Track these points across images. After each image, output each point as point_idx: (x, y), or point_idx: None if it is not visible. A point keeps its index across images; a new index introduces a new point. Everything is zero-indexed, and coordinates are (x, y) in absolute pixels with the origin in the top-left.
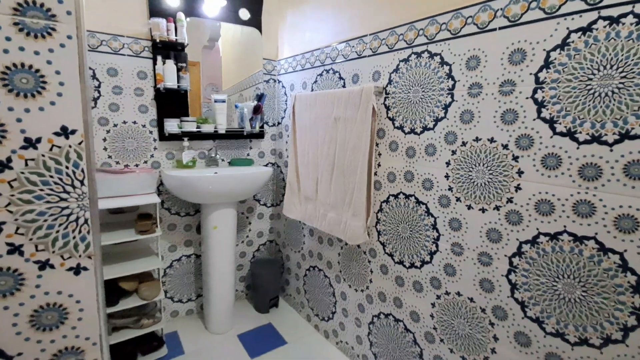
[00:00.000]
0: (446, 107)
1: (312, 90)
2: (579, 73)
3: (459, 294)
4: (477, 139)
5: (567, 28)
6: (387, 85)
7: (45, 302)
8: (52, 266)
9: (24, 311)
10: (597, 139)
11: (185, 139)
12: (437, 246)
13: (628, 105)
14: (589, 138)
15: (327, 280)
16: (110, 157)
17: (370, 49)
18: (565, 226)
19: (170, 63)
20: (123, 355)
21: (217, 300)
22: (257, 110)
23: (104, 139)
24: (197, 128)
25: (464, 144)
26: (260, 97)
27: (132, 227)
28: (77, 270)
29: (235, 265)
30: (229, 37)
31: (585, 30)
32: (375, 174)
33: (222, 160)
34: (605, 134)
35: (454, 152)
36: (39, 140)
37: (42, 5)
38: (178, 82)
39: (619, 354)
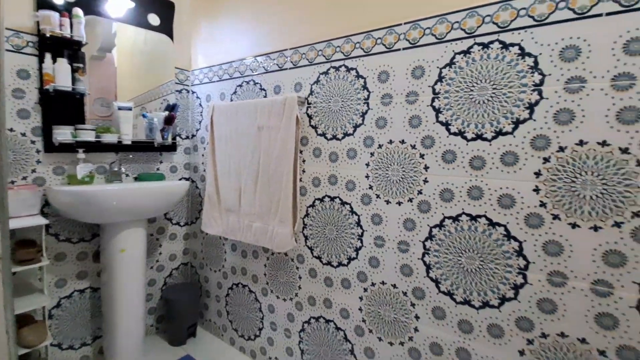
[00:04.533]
0: (363, 115)
1: (232, 101)
2: (463, 85)
3: (383, 283)
4: (390, 142)
5: (453, 51)
6: (308, 96)
7: None
8: None
9: None
10: (480, 137)
11: (81, 150)
12: (361, 242)
13: (499, 110)
14: (474, 136)
15: (252, 295)
16: None
17: (292, 62)
18: (463, 209)
19: (63, 62)
20: None
21: (123, 340)
22: (169, 120)
23: None
24: (96, 138)
25: (380, 146)
26: (172, 107)
27: None
28: None
29: (145, 295)
30: (128, 46)
31: (465, 52)
32: (301, 180)
33: (127, 175)
34: (485, 132)
35: (372, 155)
36: None
37: None
38: (73, 84)
39: (513, 310)
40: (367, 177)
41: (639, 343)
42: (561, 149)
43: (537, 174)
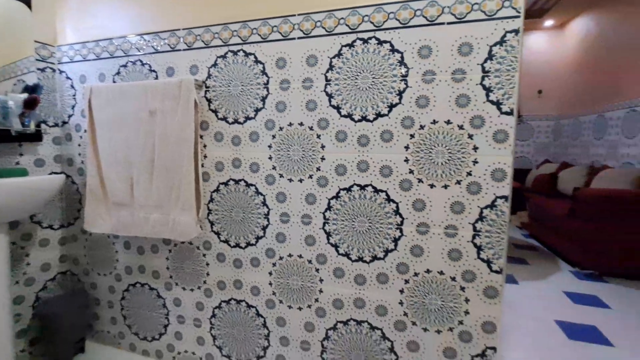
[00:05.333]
0: (264, 99)
1: (115, 82)
2: (350, 74)
3: (290, 255)
4: (290, 124)
5: (340, 43)
6: (206, 79)
7: None
8: None
9: None
10: (364, 118)
11: None
12: (268, 220)
13: (378, 96)
14: (360, 118)
15: (154, 292)
16: None
17: (185, 43)
18: (354, 180)
19: None
20: None
21: None
22: (31, 103)
23: None
24: None
25: (281, 129)
26: (33, 89)
27: None
28: None
29: (11, 316)
30: None
31: (350, 45)
32: (203, 165)
33: None
34: (369, 115)
35: (274, 137)
36: None
37: None
38: None
39: (394, 259)
40: (270, 158)
41: (475, 267)
42: (421, 127)
43: (407, 147)
